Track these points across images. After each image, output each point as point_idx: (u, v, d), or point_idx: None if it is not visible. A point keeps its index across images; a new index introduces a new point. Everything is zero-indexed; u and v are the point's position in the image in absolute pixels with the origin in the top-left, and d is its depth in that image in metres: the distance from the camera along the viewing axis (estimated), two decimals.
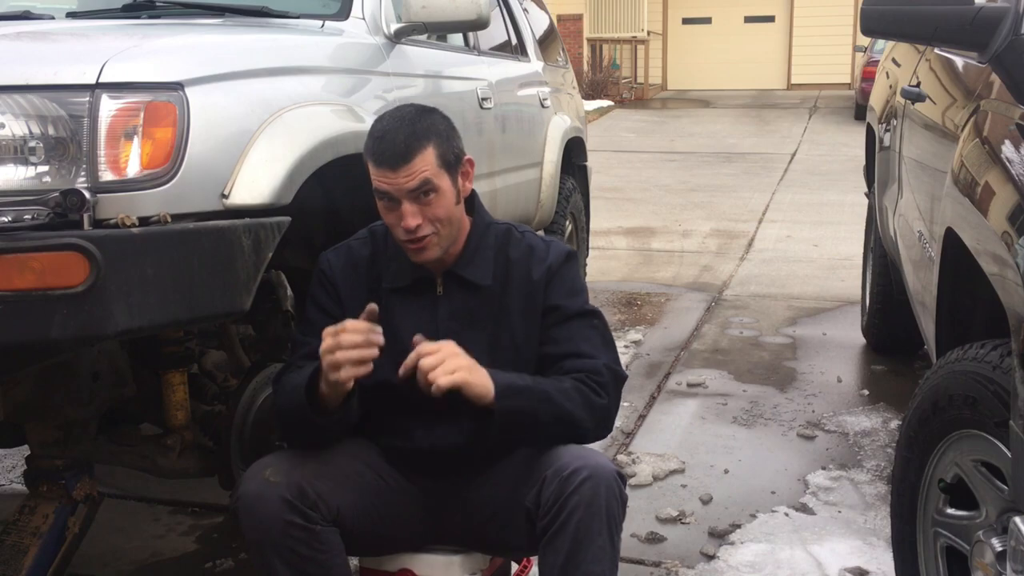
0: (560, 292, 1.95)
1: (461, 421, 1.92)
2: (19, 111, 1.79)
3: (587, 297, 2.01)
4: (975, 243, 1.82)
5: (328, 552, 1.84)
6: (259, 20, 2.81)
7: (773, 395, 4.08)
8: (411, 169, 1.82)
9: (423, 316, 1.94)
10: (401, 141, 1.82)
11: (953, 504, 1.90)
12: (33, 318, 1.67)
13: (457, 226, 1.92)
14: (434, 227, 1.86)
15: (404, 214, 1.84)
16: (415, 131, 1.84)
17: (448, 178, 1.87)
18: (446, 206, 1.87)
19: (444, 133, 1.88)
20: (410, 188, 1.82)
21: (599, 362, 1.92)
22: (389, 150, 1.82)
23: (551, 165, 4.64)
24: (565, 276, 1.97)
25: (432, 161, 1.83)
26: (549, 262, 1.97)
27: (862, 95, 14.38)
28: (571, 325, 1.93)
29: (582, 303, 1.98)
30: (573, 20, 19.38)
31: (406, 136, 1.83)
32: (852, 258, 6.08)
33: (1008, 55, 1.95)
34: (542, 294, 1.94)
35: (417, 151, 1.82)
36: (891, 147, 3.70)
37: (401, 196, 1.83)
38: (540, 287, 1.94)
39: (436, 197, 1.85)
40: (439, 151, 1.85)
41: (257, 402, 2.42)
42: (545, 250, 1.99)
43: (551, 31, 5.63)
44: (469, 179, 1.95)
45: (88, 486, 2.31)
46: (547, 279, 1.95)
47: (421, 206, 1.84)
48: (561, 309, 1.93)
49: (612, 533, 1.80)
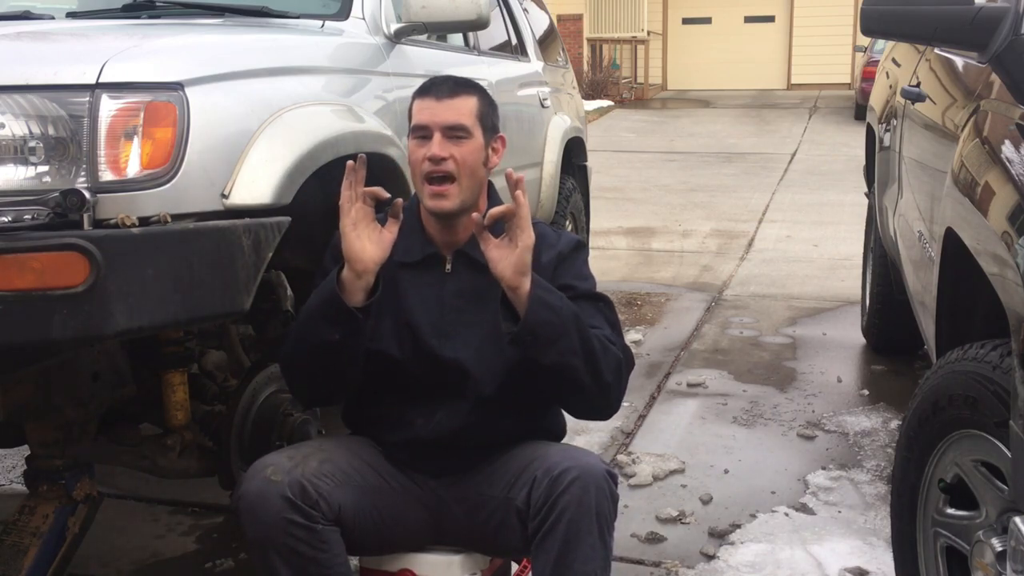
0: (569, 274, 1.98)
1: (460, 402, 1.95)
2: (19, 111, 1.79)
3: (595, 284, 2.03)
4: (975, 243, 1.82)
5: (329, 551, 1.84)
6: (259, 20, 2.81)
7: (773, 395, 4.08)
8: (453, 104, 1.90)
9: (430, 292, 1.97)
10: (451, 81, 1.95)
11: (953, 504, 1.90)
12: (33, 318, 1.67)
13: (478, 185, 1.95)
14: (457, 170, 1.89)
15: (433, 144, 1.88)
16: (465, 81, 1.98)
17: (482, 135, 1.93)
18: (475, 155, 1.91)
19: (488, 99, 1.99)
20: (447, 121, 1.89)
21: (611, 333, 1.94)
22: (438, 83, 1.94)
23: (551, 165, 4.64)
24: (574, 261, 2.01)
25: (473, 109, 1.92)
26: (559, 248, 1.99)
27: (862, 95, 14.37)
28: (580, 303, 1.92)
29: (591, 286, 2.00)
30: (573, 20, 19.37)
31: (456, 81, 1.96)
32: (852, 258, 6.08)
33: (1008, 55, 1.95)
34: (550, 276, 1.95)
35: (462, 94, 1.93)
36: (891, 147, 3.70)
37: (435, 128, 1.89)
38: (548, 270, 1.95)
39: (467, 142, 1.90)
40: (480, 107, 1.94)
41: (257, 402, 2.42)
42: (555, 237, 2.03)
43: (551, 31, 5.63)
44: (498, 155, 1.99)
45: (88, 486, 2.31)
46: (556, 263, 1.97)
47: (452, 144, 1.89)
48: (572, 288, 1.95)
49: (603, 532, 1.80)
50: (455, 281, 1.97)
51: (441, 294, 1.96)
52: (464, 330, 1.95)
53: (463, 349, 1.94)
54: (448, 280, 1.97)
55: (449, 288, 1.97)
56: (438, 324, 1.95)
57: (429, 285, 1.97)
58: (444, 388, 1.95)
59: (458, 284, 1.97)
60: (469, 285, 1.96)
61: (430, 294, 1.96)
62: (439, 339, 1.94)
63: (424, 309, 1.94)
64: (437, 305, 1.92)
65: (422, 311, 1.94)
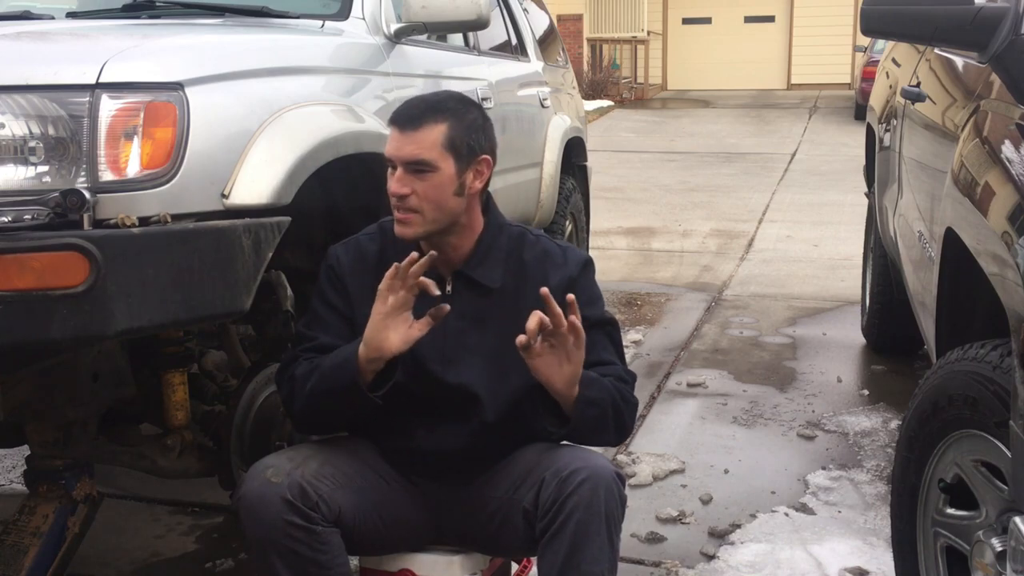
0: (580, 300, 1.90)
1: (463, 423, 1.93)
2: (19, 111, 1.79)
3: (603, 303, 2.02)
4: (975, 243, 1.82)
5: (329, 553, 1.84)
6: (259, 20, 2.81)
7: (773, 395, 4.08)
8: (416, 137, 1.83)
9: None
10: (418, 109, 1.86)
11: (953, 504, 1.90)
12: (33, 318, 1.67)
13: (448, 216, 1.88)
14: (419, 205, 1.84)
15: (394, 179, 1.84)
16: (435, 106, 1.87)
17: (452, 163, 1.85)
18: (438, 189, 1.84)
19: (467, 122, 1.87)
20: (407, 156, 1.83)
21: (620, 368, 1.97)
22: (404, 111, 1.86)
23: (551, 165, 4.64)
24: (584, 286, 1.97)
25: (439, 140, 1.83)
26: (569, 272, 1.96)
27: (862, 95, 14.37)
28: (592, 334, 1.90)
29: (601, 311, 1.99)
30: (573, 20, 19.37)
31: (426, 107, 1.86)
32: (852, 258, 6.08)
33: (1008, 55, 1.95)
34: (560, 300, 1.91)
35: (429, 123, 1.83)
36: (891, 147, 3.70)
37: (398, 162, 1.84)
38: (558, 293, 1.87)
39: (431, 176, 1.83)
40: (451, 133, 1.84)
41: (257, 402, 2.42)
42: (561, 256, 1.99)
43: (551, 31, 5.63)
44: (481, 179, 1.91)
45: (88, 486, 2.31)
46: (566, 287, 1.91)
47: (414, 179, 1.83)
48: (584, 319, 1.88)
49: (611, 534, 1.80)
50: (456, 303, 1.92)
51: (444, 319, 1.90)
52: (467, 355, 1.93)
53: (467, 373, 1.92)
54: (450, 303, 1.92)
55: (451, 311, 1.92)
56: (441, 349, 1.92)
57: (431, 307, 1.89)
58: (448, 408, 1.94)
59: (460, 307, 1.92)
60: (470, 307, 1.94)
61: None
62: (443, 365, 1.92)
63: (427, 335, 1.86)
64: (440, 329, 1.87)
65: (426, 337, 1.86)
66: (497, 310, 1.94)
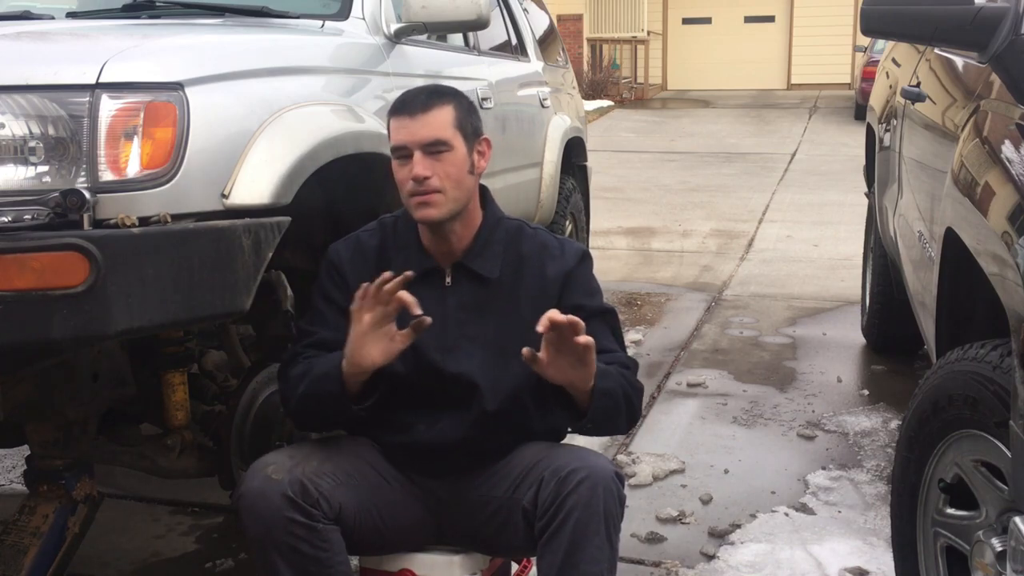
0: (579, 293, 1.98)
1: (463, 413, 1.94)
2: (19, 111, 1.79)
3: (602, 295, 2.04)
4: (975, 243, 1.82)
5: (330, 550, 1.84)
6: (259, 20, 2.81)
7: (773, 395, 4.08)
8: (428, 120, 1.87)
9: (432, 306, 1.92)
10: (423, 95, 1.91)
11: (953, 504, 1.90)
12: (33, 318, 1.67)
13: (467, 194, 1.93)
14: (443, 185, 1.87)
15: (415, 164, 1.86)
16: (438, 90, 1.94)
17: (463, 143, 1.91)
18: (458, 167, 1.89)
19: (465, 104, 1.95)
20: (424, 138, 1.86)
21: (623, 355, 1.98)
22: (410, 100, 1.91)
23: (551, 165, 4.64)
24: (582, 277, 2.00)
25: (449, 120, 1.89)
26: (566, 264, 1.98)
27: (862, 95, 14.37)
28: (592, 324, 1.90)
29: (600, 302, 2.01)
30: (573, 20, 19.37)
31: (428, 93, 1.92)
32: (852, 258, 6.08)
33: (1008, 55, 1.95)
34: (557, 292, 1.95)
35: (437, 105, 1.89)
36: (891, 147, 3.70)
37: (415, 147, 1.87)
38: (555, 285, 1.95)
39: (449, 155, 1.88)
40: (457, 114, 1.91)
41: (257, 402, 2.42)
42: (559, 248, 2.01)
43: (551, 31, 5.63)
44: (485, 158, 1.97)
45: (88, 486, 2.31)
46: (564, 281, 1.96)
47: (433, 160, 1.87)
48: (583, 308, 1.92)
49: (610, 533, 1.80)
50: (456, 294, 1.95)
51: (444, 309, 1.93)
52: (467, 344, 1.94)
53: (467, 362, 1.93)
54: (449, 294, 1.96)
55: (451, 302, 1.95)
56: (441, 339, 1.93)
57: (431, 300, 1.92)
58: (448, 399, 1.95)
59: (460, 297, 1.95)
60: (471, 298, 1.96)
61: (433, 309, 1.92)
62: (443, 354, 1.93)
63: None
64: (440, 320, 1.89)
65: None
66: (496, 301, 1.96)
